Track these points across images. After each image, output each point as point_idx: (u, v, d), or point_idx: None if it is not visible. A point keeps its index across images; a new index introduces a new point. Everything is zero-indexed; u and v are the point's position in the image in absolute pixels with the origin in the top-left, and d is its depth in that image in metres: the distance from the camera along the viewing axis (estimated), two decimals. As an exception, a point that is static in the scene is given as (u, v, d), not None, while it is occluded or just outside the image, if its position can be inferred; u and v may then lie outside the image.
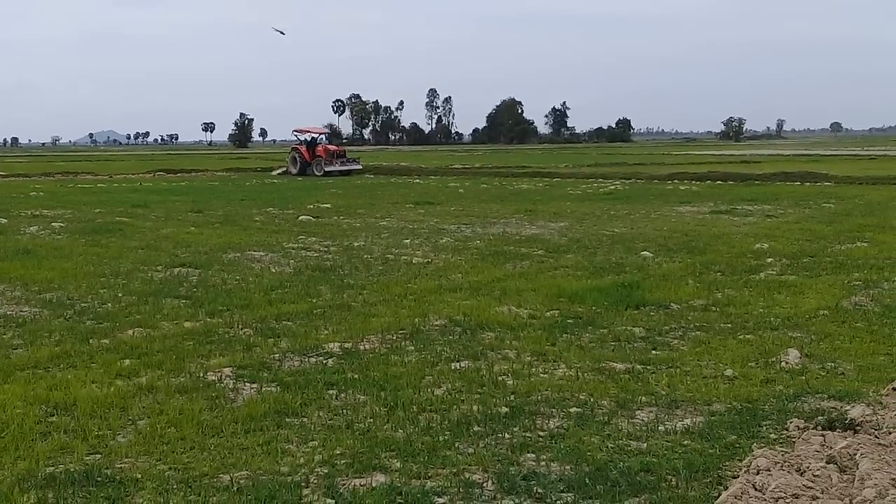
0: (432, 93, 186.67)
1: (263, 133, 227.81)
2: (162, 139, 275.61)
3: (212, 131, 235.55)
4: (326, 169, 42.41)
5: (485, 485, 4.49)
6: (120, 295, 9.81)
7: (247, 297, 9.61)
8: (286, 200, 25.03)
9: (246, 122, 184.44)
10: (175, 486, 4.50)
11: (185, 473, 4.67)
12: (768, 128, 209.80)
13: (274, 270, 11.72)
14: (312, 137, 46.74)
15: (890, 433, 4.94)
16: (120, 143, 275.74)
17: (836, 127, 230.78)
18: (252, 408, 5.72)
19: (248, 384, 6.35)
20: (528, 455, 4.89)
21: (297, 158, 44.65)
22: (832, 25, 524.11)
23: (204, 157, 77.47)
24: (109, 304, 9.31)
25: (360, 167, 45.03)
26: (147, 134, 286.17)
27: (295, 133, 49.84)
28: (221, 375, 6.52)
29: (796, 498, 4.08)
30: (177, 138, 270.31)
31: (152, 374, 6.57)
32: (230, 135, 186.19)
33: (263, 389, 6.22)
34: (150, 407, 5.81)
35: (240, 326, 8.20)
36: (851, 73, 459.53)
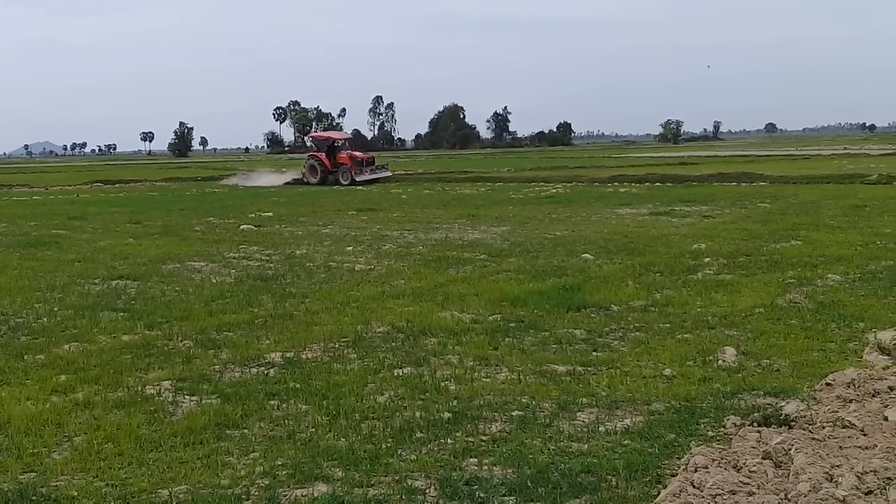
0: (377, 99, 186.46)
1: (204, 142, 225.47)
2: (100, 149, 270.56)
3: (151, 141, 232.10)
4: (358, 178, 39.13)
5: (427, 491, 4.50)
6: (56, 309, 9.62)
7: (186, 309, 9.49)
8: (227, 210, 24.78)
9: (186, 130, 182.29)
10: (112, 503, 4.43)
11: (122, 490, 4.60)
12: (705, 129, 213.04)
13: (214, 281, 11.60)
14: (333, 143, 42.95)
15: (823, 428, 5.05)
16: (56, 155, 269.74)
17: (770, 128, 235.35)
18: (192, 421, 5.65)
19: (187, 397, 6.28)
20: (471, 460, 4.91)
21: (318, 167, 40.82)
22: (766, 27, 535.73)
23: (143, 167, 76.48)
24: (45, 319, 9.12)
25: (390, 173, 41.97)
26: (84, 144, 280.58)
27: (312, 139, 47.14)
28: (160, 389, 6.43)
29: (733, 494, 4.14)
30: (115, 148, 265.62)
31: (89, 389, 6.46)
32: (170, 144, 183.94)
33: (203, 402, 6.15)
34: (86, 423, 5.71)
35: (179, 338, 8.10)
36: (785, 74, 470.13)
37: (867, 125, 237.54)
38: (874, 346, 7.04)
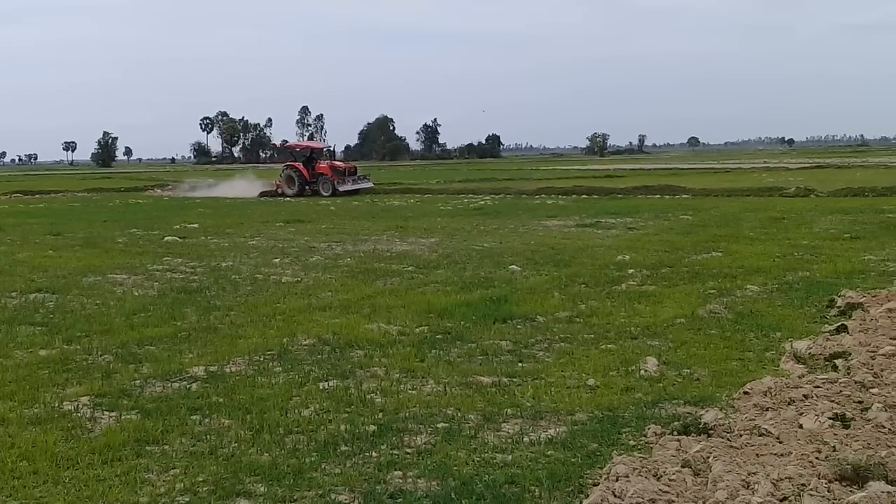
0: (304, 110, 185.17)
1: (128, 152, 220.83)
2: (20, 159, 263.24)
3: (73, 150, 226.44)
4: (341, 189, 37.56)
5: (351, 505, 4.47)
6: (-31, 324, 9.32)
7: (107, 322, 9.29)
8: (152, 221, 24.35)
9: (109, 140, 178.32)
10: (26, 523, 4.31)
11: (37, 509, 4.47)
12: (630, 143, 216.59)
13: (137, 294, 11.38)
14: (311, 153, 41.21)
15: (741, 436, 5.16)
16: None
17: (693, 141, 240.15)
18: (110, 437, 5.53)
19: (106, 413, 6.14)
20: (396, 473, 4.90)
21: (295, 177, 38.97)
22: (688, 42, 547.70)
23: (64, 178, 74.58)
24: (-42, 334, 8.83)
25: (372, 184, 40.28)
26: (3, 154, 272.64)
27: (287, 148, 44.75)
28: (78, 405, 6.28)
29: (653, 502, 4.21)
30: (36, 158, 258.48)
31: (4, 405, 6.28)
32: (93, 154, 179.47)
33: (123, 417, 6.02)
34: (0, 440, 5.53)
35: (99, 353, 7.92)
36: (707, 88, 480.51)
37: (786, 139, 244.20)
38: (790, 356, 7.24)
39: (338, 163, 42.06)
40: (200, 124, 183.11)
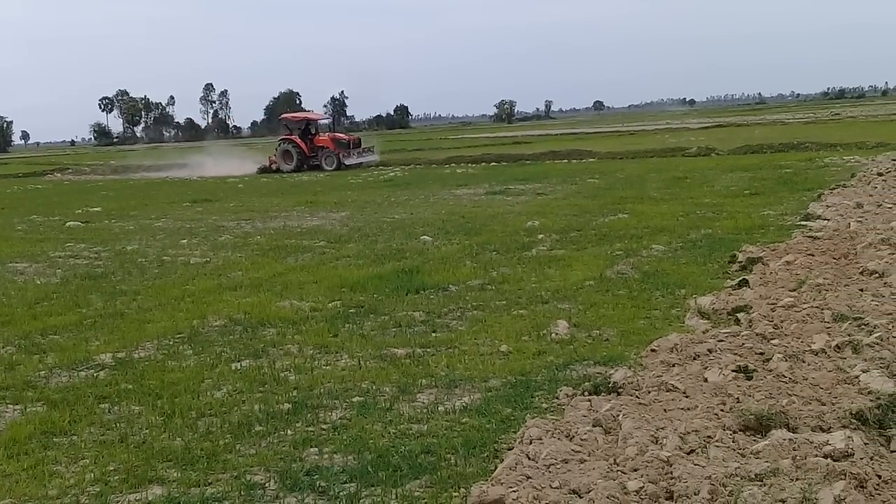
0: (208, 87, 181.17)
1: (25, 136, 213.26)
2: None
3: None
4: (347, 162, 35.23)
5: (267, 485, 4.44)
6: None
7: (8, 313, 8.98)
8: (52, 206, 23.62)
9: (4, 124, 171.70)
10: (-72, 526, 4.17)
11: (-61, 510, 4.33)
12: (538, 109, 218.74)
13: (39, 282, 11.02)
14: (307, 124, 38.42)
15: (649, 392, 5.27)
16: None
17: (598, 105, 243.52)
18: (15, 431, 5.36)
19: (10, 406, 5.96)
20: (311, 450, 4.88)
21: (293, 152, 36.46)
22: (590, 4, 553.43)
23: (-44, 165, 71.59)
24: None
25: (378, 157, 37.60)
26: None
27: (283, 121, 41.25)
28: (-20, 400, 6.07)
29: (566, 463, 4.28)
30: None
31: None
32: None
33: (28, 410, 5.85)
34: None
35: (0, 345, 7.67)
36: (611, 52, 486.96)
37: (688, 100, 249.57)
38: (695, 312, 7.43)
39: (340, 135, 39.24)
40: (99, 104, 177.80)
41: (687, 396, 5.08)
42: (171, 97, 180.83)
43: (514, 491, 3.91)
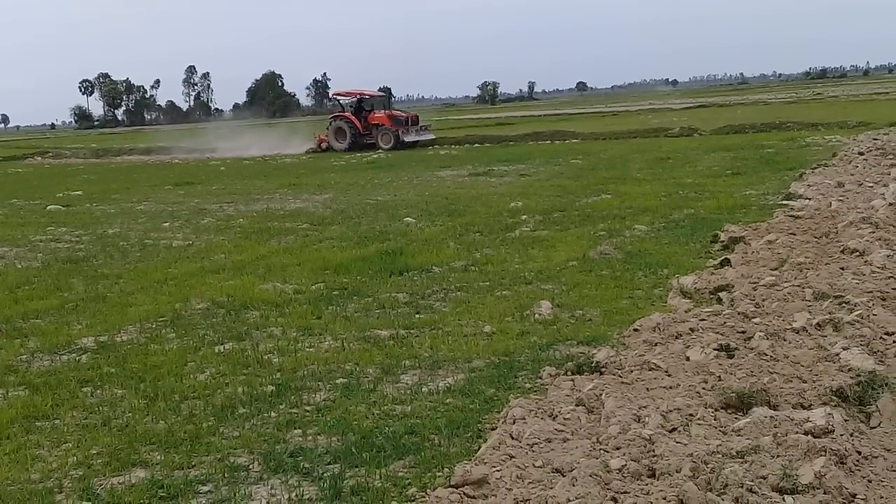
0: (190, 69, 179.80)
1: (5, 119, 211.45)
2: None
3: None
4: (406, 139, 33.73)
5: (251, 466, 4.44)
6: None
7: (-11, 298, 8.93)
8: (33, 190, 23.43)
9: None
10: None
11: (-79, 495, 4.30)
12: (521, 90, 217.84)
13: (20, 266, 10.95)
14: (360, 101, 36.51)
15: (631, 372, 5.30)
16: None
17: (581, 86, 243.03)
18: (-3, 415, 5.34)
19: (-8, 391, 5.93)
20: (295, 431, 4.88)
21: (347, 129, 34.78)
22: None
23: (-65, 149, 70.86)
24: None
25: (433, 136, 36.15)
26: None
27: (336, 97, 39.88)
28: (-39, 385, 6.03)
29: (549, 442, 4.30)
30: None
31: None
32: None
33: (10, 394, 5.82)
34: None
35: (-19, 330, 7.62)
36: (594, 32, 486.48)
37: (670, 80, 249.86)
38: (677, 291, 7.47)
39: (397, 112, 37.61)
40: (80, 87, 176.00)
41: (669, 375, 5.11)
42: (157, 80, 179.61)
43: (498, 470, 3.93)
